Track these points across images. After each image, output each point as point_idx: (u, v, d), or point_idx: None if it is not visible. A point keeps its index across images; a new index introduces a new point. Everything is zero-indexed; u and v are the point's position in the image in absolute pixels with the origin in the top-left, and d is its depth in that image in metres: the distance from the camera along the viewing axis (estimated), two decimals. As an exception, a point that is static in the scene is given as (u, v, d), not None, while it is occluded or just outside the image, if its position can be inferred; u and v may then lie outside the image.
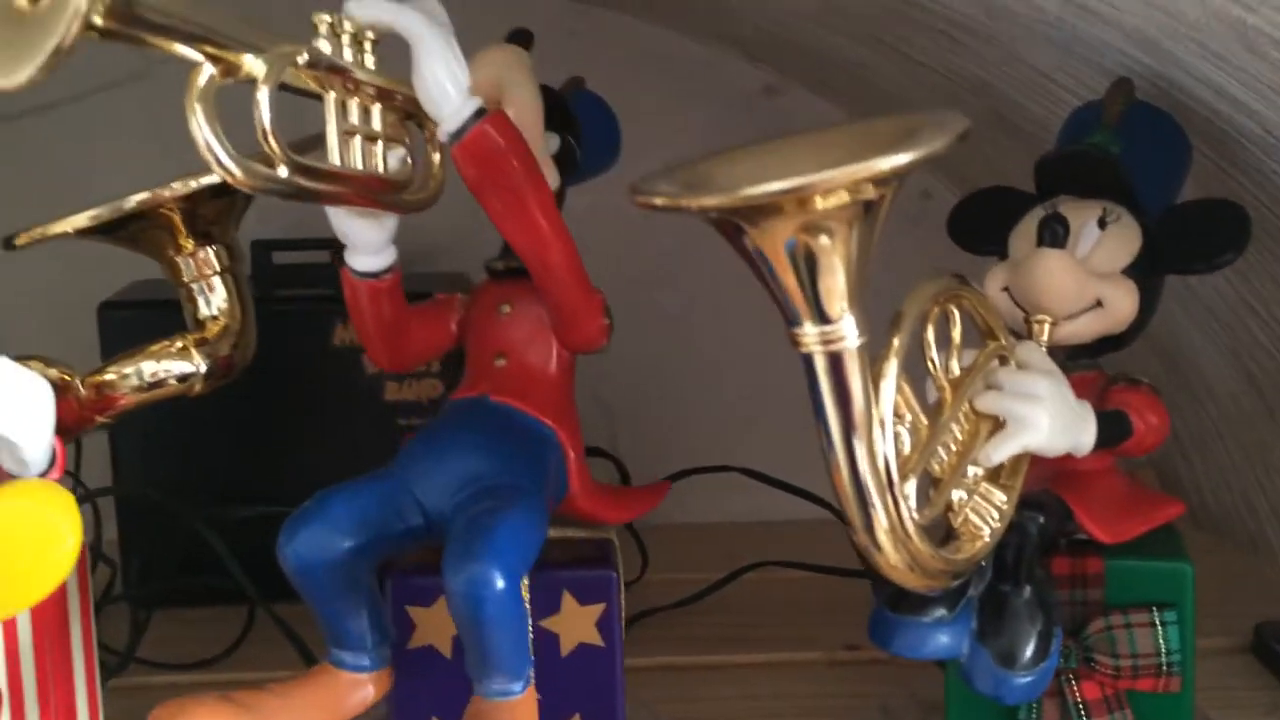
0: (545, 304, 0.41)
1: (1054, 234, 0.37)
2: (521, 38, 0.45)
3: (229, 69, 0.31)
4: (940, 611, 0.37)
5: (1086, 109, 0.43)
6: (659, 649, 0.57)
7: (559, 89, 0.48)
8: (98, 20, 0.27)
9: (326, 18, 0.34)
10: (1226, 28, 0.31)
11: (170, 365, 0.41)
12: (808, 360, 0.33)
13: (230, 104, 0.33)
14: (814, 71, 0.71)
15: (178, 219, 0.41)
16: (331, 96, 0.34)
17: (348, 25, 0.34)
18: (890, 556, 0.33)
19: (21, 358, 0.40)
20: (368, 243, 0.40)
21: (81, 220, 0.40)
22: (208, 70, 0.30)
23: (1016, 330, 0.39)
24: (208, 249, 0.42)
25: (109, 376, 0.41)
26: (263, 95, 0.31)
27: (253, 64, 0.31)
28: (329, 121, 0.35)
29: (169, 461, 0.64)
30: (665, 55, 0.78)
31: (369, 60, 0.35)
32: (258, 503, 0.62)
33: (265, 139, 0.31)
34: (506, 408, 0.40)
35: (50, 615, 0.40)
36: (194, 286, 0.43)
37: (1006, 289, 0.40)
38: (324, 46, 0.34)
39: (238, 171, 0.31)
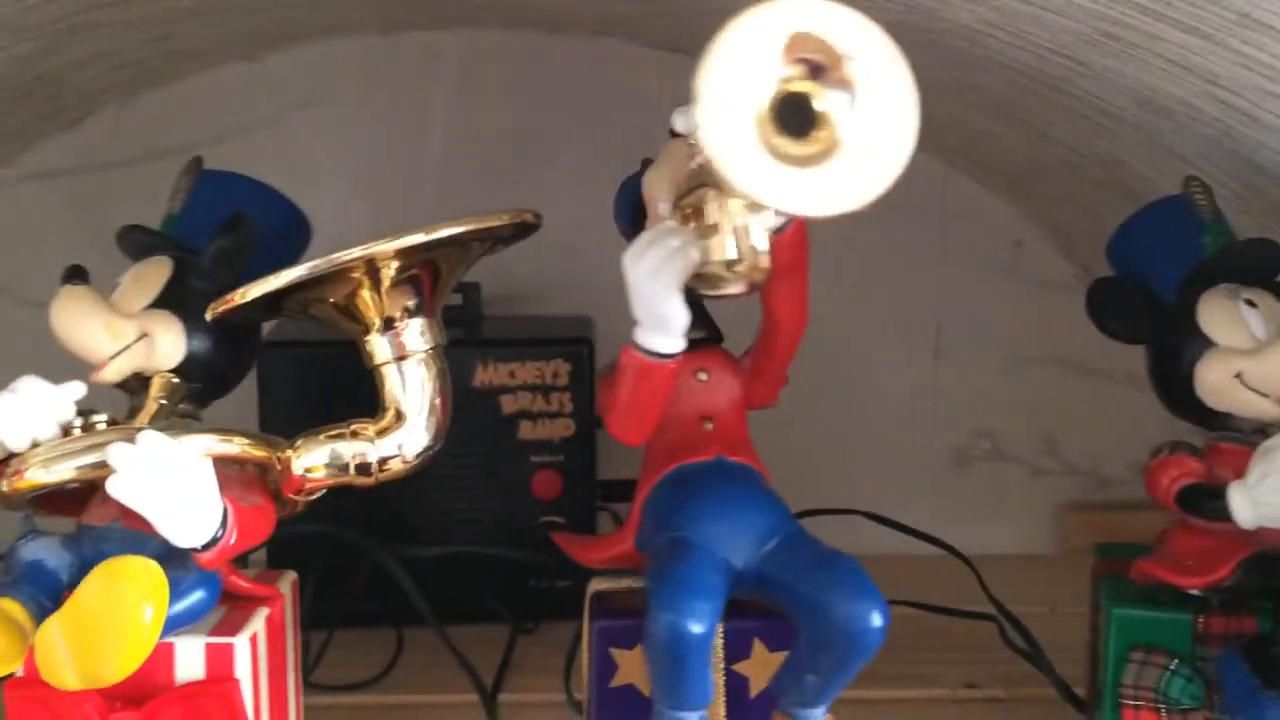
0: (760, 365, 0.45)
1: None
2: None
3: None
4: None
5: (1165, 205, 0.46)
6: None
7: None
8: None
9: None
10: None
11: (362, 448, 0.41)
12: None
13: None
14: (929, 131, 0.74)
15: (372, 289, 0.40)
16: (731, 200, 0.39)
17: None
18: None
19: (228, 431, 0.42)
20: (682, 325, 0.42)
21: (287, 277, 0.38)
22: None
23: (1248, 416, 0.42)
24: (409, 322, 0.41)
25: (288, 455, 0.41)
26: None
27: None
28: (725, 219, 0.39)
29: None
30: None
31: None
32: (397, 535, 0.66)
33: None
34: (741, 465, 0.45)
35: (278, 639, 0.44)
36: (387, 370, 0.41)
37: (1238, 375, 0.42)
38: None
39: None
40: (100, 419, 0.41)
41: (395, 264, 0.40)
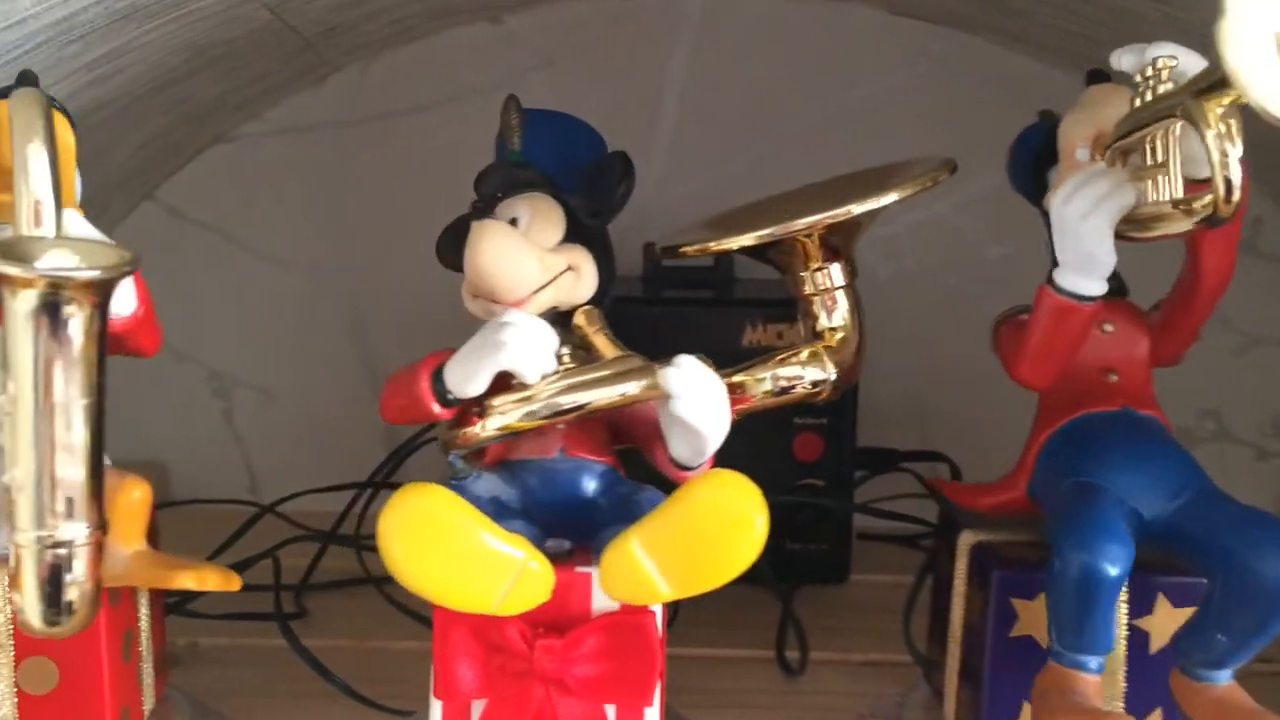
0: (1174, 319, 0.45)
1: None
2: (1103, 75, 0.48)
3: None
4: None
5: None
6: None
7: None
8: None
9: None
10: None
11: (803, 371, 0.44)
12: None
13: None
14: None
15: (815, 238, 0.44)
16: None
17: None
18: None
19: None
20: (1108, 267, 0.42)
21: (748, 239, 0.44)
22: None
23: None
24: (833, 265, 0.45)
25: (742, 379, 0.44)
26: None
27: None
28: (1173, 157, 0.39)
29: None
30: (1015, 78, 0.80)
31: None
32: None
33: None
34: (1149, 417, 0.45)
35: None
36: (815, 300, 0.46)
37: None
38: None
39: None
40: (563, 351, 0.42)
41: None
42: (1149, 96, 0.40)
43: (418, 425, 0.41)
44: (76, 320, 0.35)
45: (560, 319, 0.42)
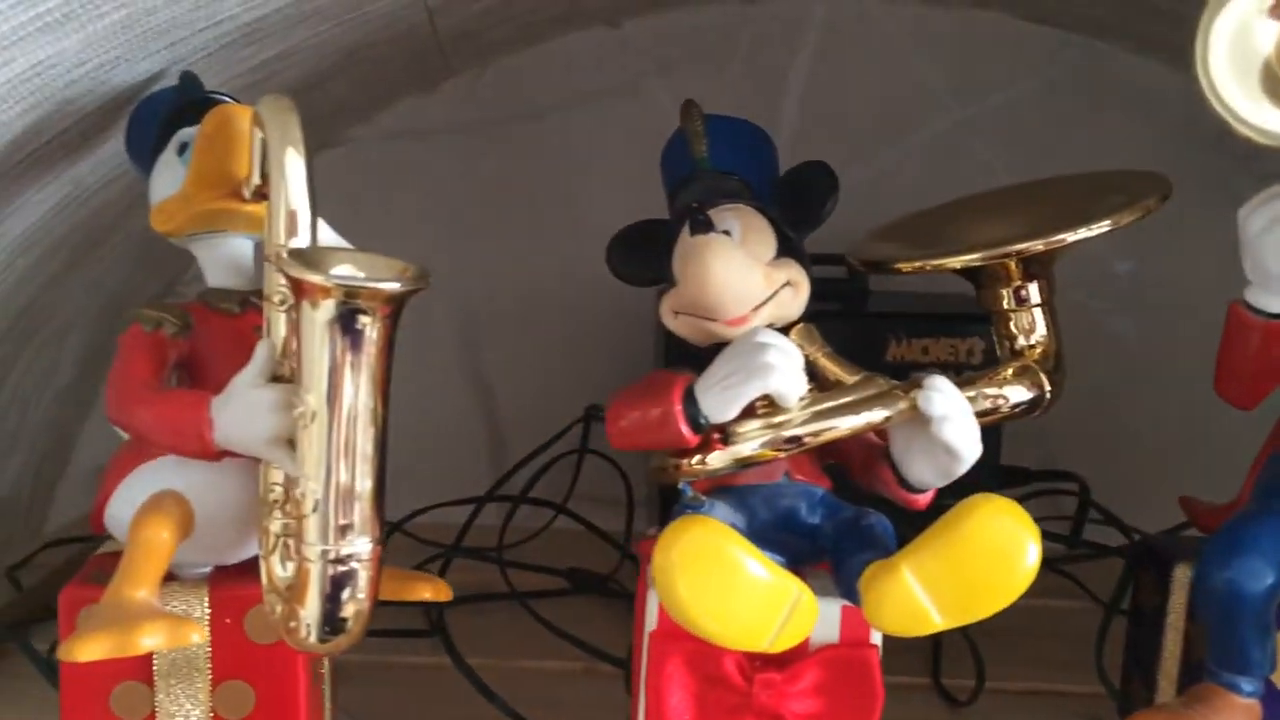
0: None
1: None
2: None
3: None
4: None
5: None
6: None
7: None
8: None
9: None
10: None
11: (1009, 390, 0.42)
12: None
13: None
14: None
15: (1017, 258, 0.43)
16: None
17: None
18: None
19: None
20: None
21: (965, 259, 0.43)
22: None
23: None
24: (1032, 283, 0.44)
25: None
26: None
27: None
28: None
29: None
30: (1149, 87, 0.78)
31: None
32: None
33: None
34: None
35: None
36: (1013, 318, 0.44)
37: None
38: None
39: None
40: None
41: None
42: None
43: (647, 450, 0.39)
44: (372, 331, 0.34)
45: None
